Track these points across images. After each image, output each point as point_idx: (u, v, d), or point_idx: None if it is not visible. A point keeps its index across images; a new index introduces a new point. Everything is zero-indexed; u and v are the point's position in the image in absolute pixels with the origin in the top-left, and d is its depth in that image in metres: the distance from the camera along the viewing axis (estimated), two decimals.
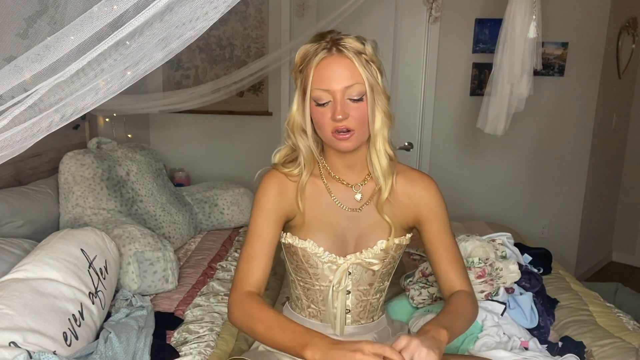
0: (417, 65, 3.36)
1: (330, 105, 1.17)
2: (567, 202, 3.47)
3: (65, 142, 2.54)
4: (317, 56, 1.16)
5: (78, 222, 2.11)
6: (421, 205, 1.31)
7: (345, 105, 1.16)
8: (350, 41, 1.17)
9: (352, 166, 1.29)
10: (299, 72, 1.22)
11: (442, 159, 3.44)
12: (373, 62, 1.19)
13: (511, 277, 1.77)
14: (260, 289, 1.24)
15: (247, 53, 3.44)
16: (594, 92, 3.31)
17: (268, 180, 1.29)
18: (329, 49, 1.16)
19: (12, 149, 1.00)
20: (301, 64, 1.20)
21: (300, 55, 1.21)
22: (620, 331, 1.66)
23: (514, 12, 2.14)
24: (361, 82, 1.16)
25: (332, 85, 1.16)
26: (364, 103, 1.18)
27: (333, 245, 1.29)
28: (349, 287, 1.33)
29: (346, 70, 1.16)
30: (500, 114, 2.32)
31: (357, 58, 1.16)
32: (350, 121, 1.17)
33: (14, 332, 1.25)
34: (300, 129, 1.25)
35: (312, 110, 1.20)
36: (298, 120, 1.24)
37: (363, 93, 1.17)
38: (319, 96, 1.17)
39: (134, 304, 1.76)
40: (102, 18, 0.90)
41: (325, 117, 1.18)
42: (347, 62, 1.16)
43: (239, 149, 3.57)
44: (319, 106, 1.18)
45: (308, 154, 1.27)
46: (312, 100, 1.19)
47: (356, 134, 1.19)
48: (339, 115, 1.15)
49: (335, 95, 1.16)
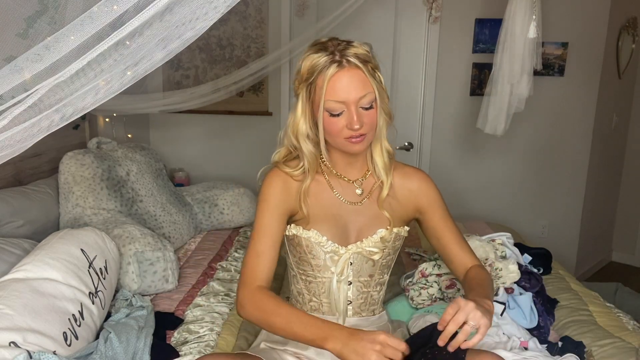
0: (417, 65, 3.36)
1: (344, 115, 1.21)
2: (567, 202, 3.47)
3: (65, 142, 2.54)
4: (329, 70, 1.19)
5: (78, 222, 2.11)
6: (421, 196, 1.39)
7: (360, 114, 1.21)
8: (356, 50, 1.21)
9: (354, 163, 1.36)
10: (307, 83, 1.24)
11: (442, 159, 3.44)
12: (376, 68, 1.25)
13: (511, 277, 1.77)
14: (269, 283, 1.28)
15: (247, 53, 3.43)
16: (594, 92, 3.31)
17: (272, 177, 1.34)
18: (339, 62, 1.20)
19: (12, 149, 1.00)
20: (310, 75, 1.23)
21: (307, 68, 1.23)
22: (620, 331, 1.66)
23: (514, 12, 2.14)
24: (372, 91, 1.22)
25: (346, 97, 1.20)
26: (374, 110, 1.24)
27: (335, 236, 1.34)
28: (350, 278, 1.37)
29: (358, 82, 1.20)
30: (500, 114, 2.32)
31: (364, 67, 1.21)
32: (364, 128, 1.22)
33: (14, 332, 1.25)
34: (305, 135, 1.29)
35: (324, 120, 1.24)
36: (303, 128, 1.29)
37: (373, 101, 1.23)
38: (333, 107, 1.21)
39: (134, 304, 1.76)
40: (102, 18, 0.90)
41: (338, 126, 1.22)
42: (357, 73, 1.20)
43: (239, 149, 3.57)
44: (333, 117, 1.22)
45: (312, 158, 1.31)
46: (324, 111, 1.23)
47: (367, 137, 1.25)
48: (356, 125, 1.20)
49: (349, 106, 1.21)
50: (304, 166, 1.32)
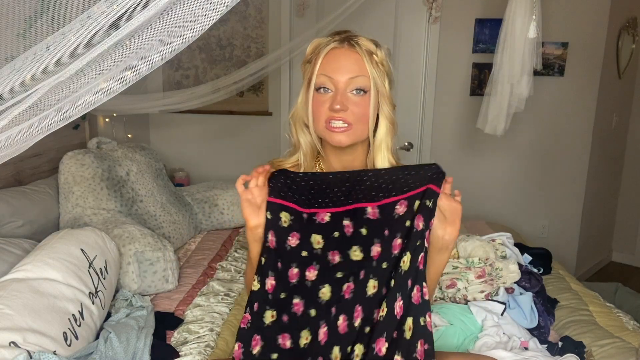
0: (417, 65, 3.36)
1: (330, 95, 1.15)
2: (567, 202, 3.47)
3: (65, 142, 2.54)
4: (328, 46, 1.16)
5: (78, 222, 2.11)
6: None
7: (347, 98, 1.14)
8: (364, 40, 1.17)
9: (348, 168, 1.25)
10: (308, 63, 1.21)
11: (442, 159, 3.42)
12: (383, 66, 1.18)
13: (511, 277, 1.77)
14: None
15: (247, 53, 3.43)
16: (594, 92, 3.31)
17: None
18: (340, 41, 1.16)
19: (12, 149, 1.00)
20: (311, 55, 1.20)
21: (312, 47, 1.20)
22: (620, 331, 1.66)
23: (514, 12, 2.14)
24: (366, 75, 1.14)
25: (336, 75, 1.14)
26: (366, 99, 1.15)
27: None
28: None
29: (354, 64, 1.14)
30: (500, 114, 2.32)
31: (367, 56, 1.15)
32: (348, 115, 1.14)
33: (14, 332, 1.25)
34: (303, 122, 1.23)
35: (312, 98, 1.17)
36: (301, 113, 1.22)
37: (367, 87, 1.15)
38: (323, 81, 1.15)
39: (134, 304, 1.76)
40: (102, 18, 0.90)
41: (323, 107, 1.15)
42: (356, 57, 1.15)
43: (239, 149, 3.57)
44: (320, 93, 1.15)
45: (307, 149, 1.25)
46: (314, 89, 1.17)
47: (352, 130, 1.15)
48: (337, 105, 1.12)
49: (337, 85, 1.14)
50: (300, 159, 1.25)
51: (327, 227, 1.11)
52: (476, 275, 1.74)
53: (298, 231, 1.10)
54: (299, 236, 1.10)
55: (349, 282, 1.08)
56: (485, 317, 1.59)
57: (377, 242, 1.08)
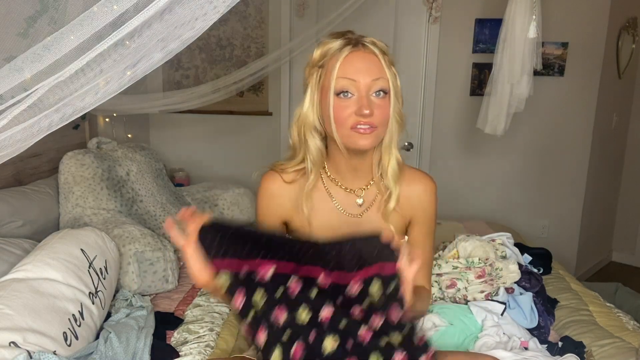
0: (417, 65, 3.36)
1: (354, 99, 1.12)
2: (567, 202, 3.47)
3: (65, 142, 2.54)
4: (343, 50, 1.13)
5: (78, 222, 2.11)
6: (418, 207, 1.28)
7: (371, 101, 1.12)
8: (375, 40, 1.16)
9: (357, 170, 1.24)
10: (318, 67, 1.17)
11: (442, 159, 3.43)
12: (393, 65, 1.17)
13: (511, 277, 1.77)
14: None
15: (247, 53, 3.43)
16: (594, 92, 3.31)
17: (267, 182, 1.28)
18: (354, 44, 1.14)
19: (12, 148, 1.00)
20: (321, 59, 1.16)
21: (321, 51, 1.16)
22: (620, 331, 1.66)
23: (514, 12, 2.14)
24: (385, 77, 1.13)
25: (359, 77, 1.11)
26: (386, 101, 1.14)
27: None
28: None
29: (373, 65, 1.13)
30: (500, 114, 2.32)
31: (382, 56, 1.14)
32: (375, 118, 1.12)
33: (14, 332, 1.25)
34: (312, 127, 1.19)
35: (333, 104, 1.14)
36: (310, 119, 1.19)
37: (387, 89, 1.14)
38: (344, 85, 1.12)
39: (134, 304, 1.76)
40: (102, 18, 0.90)
41: (346, 111, 1.11)
42: (373, 57, 1.13)
43: (239, 149, 3.57)
44: (341, 98, 1.12)
45: (317, 155, 1.22)
46: (334, 94, 1.13)
47: (377, 133, 1.14)
48: (365, 110, 1.09)
49: (360, 88, 1.12)
50: (307, 164, 1.22)
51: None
52: (476, 275, 1.74)
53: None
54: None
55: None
56: (485, 317, 1.59)
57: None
